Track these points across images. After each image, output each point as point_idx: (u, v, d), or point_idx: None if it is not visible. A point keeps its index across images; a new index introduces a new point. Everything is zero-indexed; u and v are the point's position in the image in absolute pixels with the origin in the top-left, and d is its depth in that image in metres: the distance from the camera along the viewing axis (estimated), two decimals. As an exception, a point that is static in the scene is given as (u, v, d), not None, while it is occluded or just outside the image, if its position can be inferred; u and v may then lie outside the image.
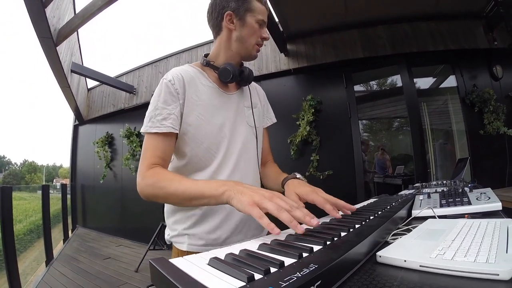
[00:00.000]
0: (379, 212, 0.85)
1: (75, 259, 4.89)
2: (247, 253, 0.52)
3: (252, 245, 0.59)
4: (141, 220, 5.90)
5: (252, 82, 1.31)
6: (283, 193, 1.09)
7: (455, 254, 0.53)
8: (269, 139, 1.43)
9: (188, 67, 1.16)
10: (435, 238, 0.67)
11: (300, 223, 0.68)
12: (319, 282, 0.40)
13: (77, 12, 5.00)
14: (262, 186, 1.26)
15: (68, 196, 7.74)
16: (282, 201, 0.74)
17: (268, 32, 1.19)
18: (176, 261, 0.46)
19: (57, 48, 4.59)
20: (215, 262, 0.46)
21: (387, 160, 6.47)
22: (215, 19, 1.15)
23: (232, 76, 1.12)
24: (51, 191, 6.01)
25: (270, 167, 1.35)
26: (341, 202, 0.92)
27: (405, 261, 0.53)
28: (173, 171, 1.13)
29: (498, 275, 0.45)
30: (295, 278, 0.38)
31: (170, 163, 1.13)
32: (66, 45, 5.20)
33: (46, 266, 4.62)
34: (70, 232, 7.13)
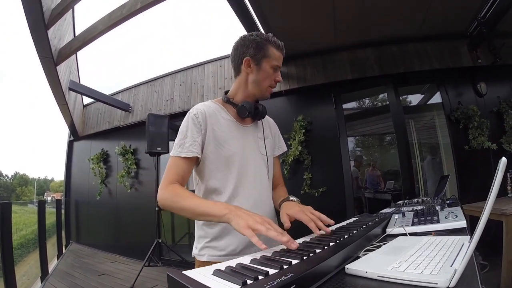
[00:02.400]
0: (354, 231, 1.00)
1: (70, 275, 4.88)
2: (241, 265, 0.68)
3: (246, 259, 0.75)
4: (135, 237, 5.92)
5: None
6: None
7: (408, 267, 0.66)
8: (280, 165, 1.62)
9: (211, 103, 1.37)
10: (397, 253, 0.80)
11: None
12: (293, 286, 0.54)
13: (77, 32, 5.15)
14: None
15: (62, 211, 7.73)
16: (270, 226, 0.90)
17: (280, 75, 1.37)
18: (188, 272, 0.61)
19: (57, 67, 4.72)
20: (218, 272, 0.62)
21: (378, 175, 6.58)
22: (236, 62, 1.35)
23: (248, 113, 1.31)
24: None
25: (279, 190, 1.51)
26: (324, 217, 1.09)
27: (366, 272, 0.67)
28: (198, 193, 1.33)
29: (436, 284, 0.57)
30: (276, 282, 0.53)
31: (197, 186, 1.34)
32: (65, 63, 5.30)
33: (41, 282, 4.62)
34: (64, 247, 7.10)
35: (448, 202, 1.71)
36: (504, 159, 0.60)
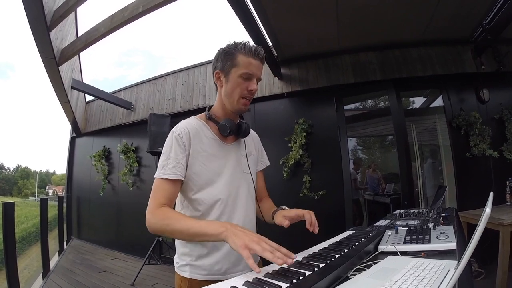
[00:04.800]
0: (346, 250, 1.03)
1: (71, 272, 4.93)
2: (235, 290, 0.72)
3: (239, 281, 0.79)
4: (136, 234, 5.93)
5: None
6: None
7: (391, 294, 0.70)
8: (264, 178, 1.62)
9: (194, 119, 1.34)
10: (384, 277, 0.83)
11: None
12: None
13: (79, 33, 5.15)
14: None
15: (64, 205, 7.80)
16: (266, 245, 0.91)
17: (255, 84, 1.27)
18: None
19: (59, 67, 4.72)
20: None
21: (378, 177, 6.57)
22: (213, 78, 1.34)
23: (230, 131, 1.28)
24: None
25: (265, 202, 1.54)
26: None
27: (351, 297, 0.71)
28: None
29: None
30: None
31: (182, 210, 1.31)
32: (67, 62, 5.29)
33: (43, 279, 4.66)
34: (65, 243, 7.16)
35: (444, 214, 1.72)
36: (488, 211, 0.61)
